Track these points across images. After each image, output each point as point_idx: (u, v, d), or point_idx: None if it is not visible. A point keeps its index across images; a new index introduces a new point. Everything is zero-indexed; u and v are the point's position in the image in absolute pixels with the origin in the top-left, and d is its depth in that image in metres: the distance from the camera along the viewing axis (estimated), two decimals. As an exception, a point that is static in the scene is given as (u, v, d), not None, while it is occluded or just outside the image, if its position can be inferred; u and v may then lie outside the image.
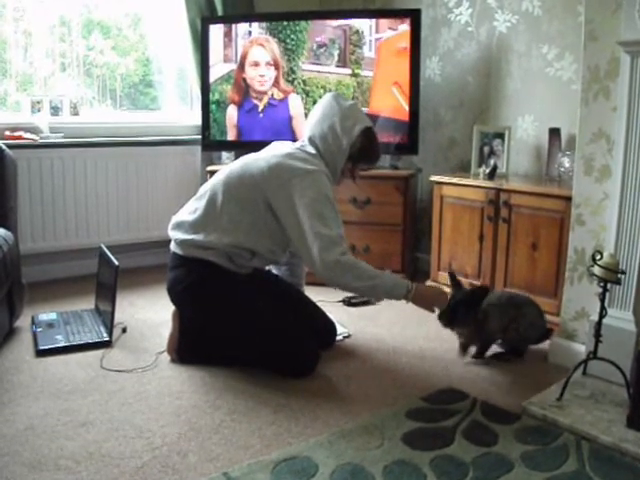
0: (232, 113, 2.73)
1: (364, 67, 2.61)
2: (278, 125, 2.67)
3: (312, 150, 1.81)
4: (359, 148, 1.81)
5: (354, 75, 2.63)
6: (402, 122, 2.58)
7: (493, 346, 1.89)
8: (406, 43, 2.54)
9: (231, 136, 2.75)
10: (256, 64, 2.67)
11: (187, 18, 2.78)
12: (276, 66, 2.66)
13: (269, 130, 2.66)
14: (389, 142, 2.59)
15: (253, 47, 2.67)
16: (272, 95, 2.67)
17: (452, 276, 1.84)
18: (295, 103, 2.66)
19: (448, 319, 1.75)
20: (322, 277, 1.70)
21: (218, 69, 2.74)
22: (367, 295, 1.82)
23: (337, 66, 2.64)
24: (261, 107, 2.68)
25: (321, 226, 1.66)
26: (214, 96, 2.75)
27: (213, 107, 2.76)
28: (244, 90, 2.69)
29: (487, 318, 1.79)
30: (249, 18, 2.78)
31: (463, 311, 1.74)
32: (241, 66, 2.68)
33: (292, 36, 2.65)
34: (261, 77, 2.66)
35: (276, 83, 2.67)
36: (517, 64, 2.48)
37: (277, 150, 1.82)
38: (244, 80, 2.69)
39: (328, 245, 1.65)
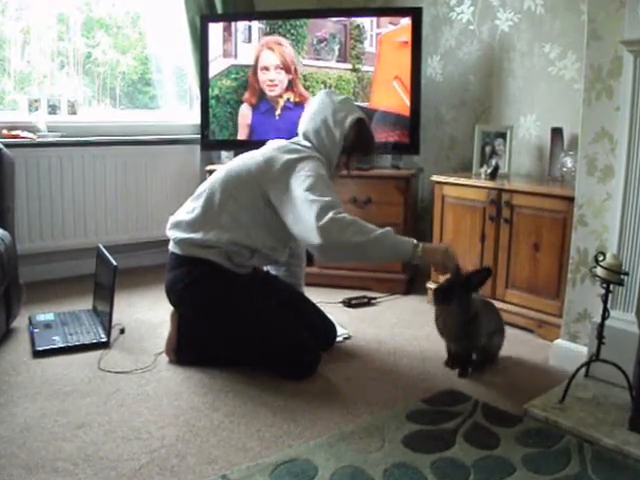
0: (246, 112, 2.70)
1: (365, 62, 2.59)
2: (293, 127, 2.62)
3: (307, 144, 1.81)
4: (352, 140, 1.80)
5: (355, 70, 2.61)
6: (403, 117, 2.56)
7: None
8: (407, 37, 2.51)
9: (242, 135, 2.72)
10: (266, 69, 2.64)
11: (186, 16, 2.77)
12: (287, 70, 2.62)
13: (283, 132, 2.59)
14: (390, 138, 2.56)
15: (263, 51, 2.64)
16: (288, 99, 2.64)
17: (456, 269, 1.74)
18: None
19: (443, 295, 1.67)
20: (323, 248, 1.58)
21: (217, 64, 2.71)
22: (372, 254, 1.59)
23: (337, 61, 2.62)
24: (278, 111, 2.65)
25: (315, 196, 1.62)
26: (213, 91, 2.72)
27: (213, 102, 2.73)
28: (259, 93, 2.67)
29: (476, 319, 1.71)
30: (249, 16, 2.77)
31: (460, 291, 1.66)
32: (254, 70, 2.66)
33: (292, 31, 2.63)
34: (270, 82, 2.64)
35: (291, 87, 2.63)
36: (519, 63, 2.47)
37: (272, 145, 1.82)
38: (258, 83, 2.66)
39: (323, 209, 1.59)
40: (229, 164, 1.87)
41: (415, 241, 1.63)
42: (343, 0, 3.07)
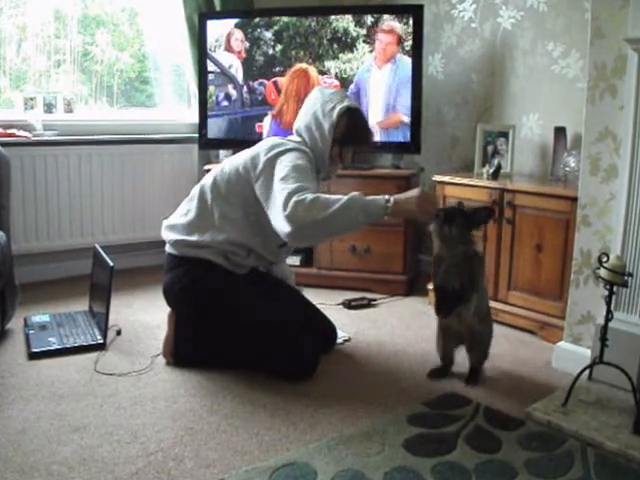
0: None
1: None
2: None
3: (297, 139, 1.79)
4: (343, 130, 1.75)
5: None
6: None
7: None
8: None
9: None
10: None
11: (184, 13, 2.75)
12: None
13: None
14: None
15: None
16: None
17: (459, 203, 1.70)
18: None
19: (446, 216, 1.59)
20: (294, 234, 1.53)
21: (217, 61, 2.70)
22: (343, 224, 1.54)
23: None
24: None
25: (285, 184, 1.59)
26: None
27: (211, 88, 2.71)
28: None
29: (477, 259, 1.64)
30: (248, 14, 2.74)
31: (461, 221, 1.59)
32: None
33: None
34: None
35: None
36: (522, 61, 2.45)
37: (261, 143, 1.80)
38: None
39: (288, 195, 1.55)
40: (220, 165, 1.86)
41: (387, 196, 1.56)
42: (343, -2, 3.04)
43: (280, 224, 1.57)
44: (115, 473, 1.24)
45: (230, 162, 1.82)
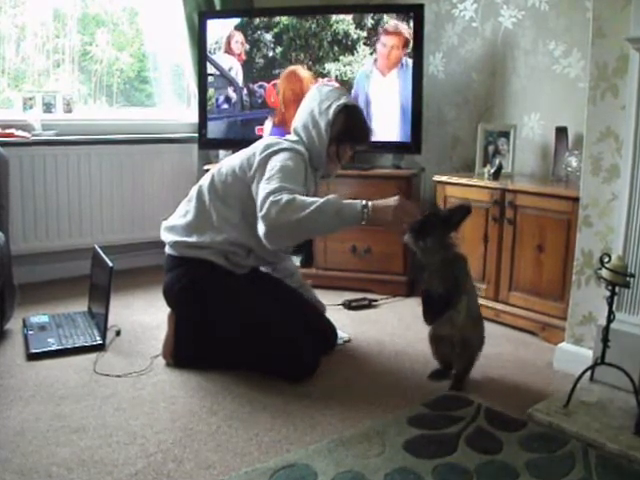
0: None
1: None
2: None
3: (294, 138, 1.79)
4: (339, 127, 1.74)
5: None
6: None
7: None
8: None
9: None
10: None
11: (184, 12, 2.74)
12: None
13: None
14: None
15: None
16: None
17: (433, 206, 1.66)
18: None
19: (420, 230, 1.53)
20: (268, 235, 1.55)
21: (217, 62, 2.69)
22: (318, 226, 1.54)
23: None
24: None
25: (266, 184, 1.59)
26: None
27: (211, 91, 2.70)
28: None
29: (459, 262, 1.59)
30: (248, 13, 2.74)
31: (438, 226, 1.54)
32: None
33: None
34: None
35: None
36: (523, 61, 2.45)
37: (257, 143, 1.80)
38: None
39: (266, 196, 1.56)
40: (218, 165, 1.86)
41: (364, 202, 1.55)
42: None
43: (258, 225, 1.58)
44: (114, 474, 1.23)
45: (227, 162, 1.81)
